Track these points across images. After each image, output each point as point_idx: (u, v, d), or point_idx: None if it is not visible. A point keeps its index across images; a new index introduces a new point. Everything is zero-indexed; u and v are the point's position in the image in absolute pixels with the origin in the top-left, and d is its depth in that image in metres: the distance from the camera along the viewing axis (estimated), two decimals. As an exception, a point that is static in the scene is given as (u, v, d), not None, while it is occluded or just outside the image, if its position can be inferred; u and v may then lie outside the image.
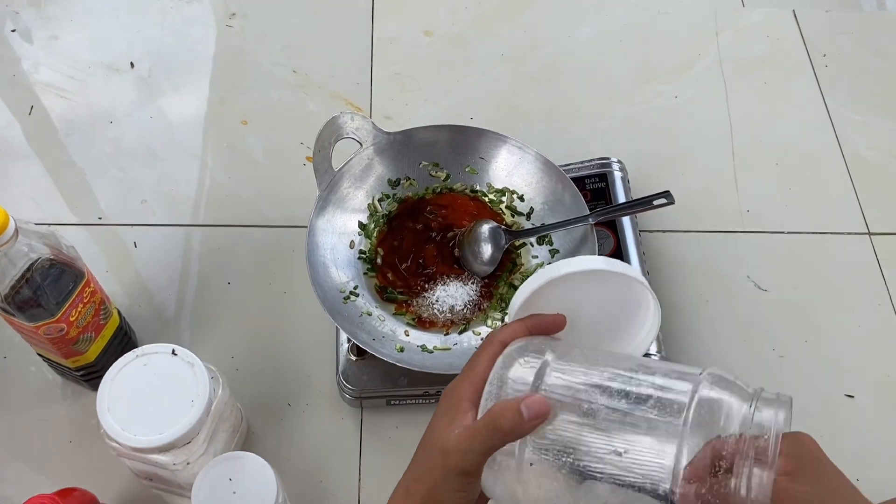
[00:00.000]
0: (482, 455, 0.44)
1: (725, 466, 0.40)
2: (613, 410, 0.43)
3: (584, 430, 0.43)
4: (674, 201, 0.72)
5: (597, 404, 0.44)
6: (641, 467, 0.42)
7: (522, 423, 0.42)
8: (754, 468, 0.40)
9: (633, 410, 0.43)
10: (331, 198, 0.73)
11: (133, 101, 0.92)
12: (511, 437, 0.43)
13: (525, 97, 0.96)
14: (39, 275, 0.59)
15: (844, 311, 0.83)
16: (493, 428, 0.43)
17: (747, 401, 0.42)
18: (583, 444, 0.43)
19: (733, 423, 0.41)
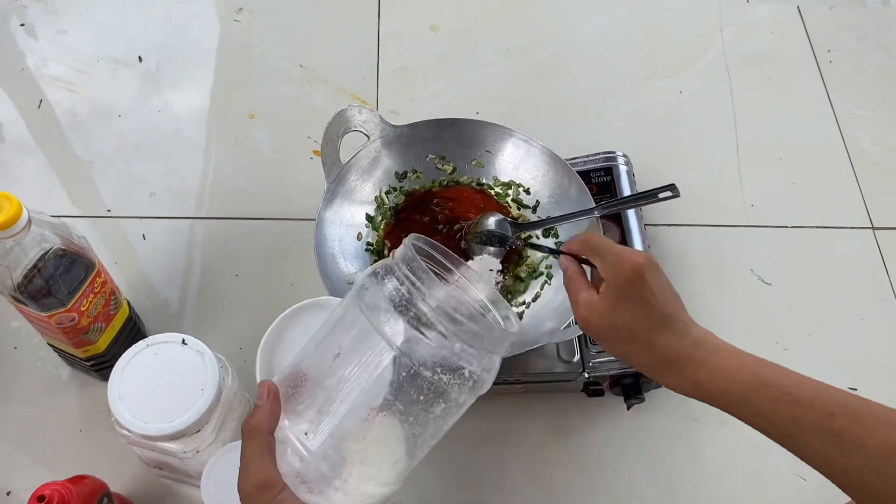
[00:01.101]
0: (260, 459, 0.45)
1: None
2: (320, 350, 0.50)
3: (313, 373, 0.48)
4: (679, 194, 0.72)
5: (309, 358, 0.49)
6: (368, 349, 0.46)
7: (259, 407, 0.46)
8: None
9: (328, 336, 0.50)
10: (339, 190, 0.73)
11: (140, 95, 0.93)
12: (264, 426, 0.46)
13: (530, 91, 0.96)
14: (51, 264, 0.59)
15: (848, 304, 0.84)
16: (248, 433, 0.46)
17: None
18: (323, 383, 0.47)
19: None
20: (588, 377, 0.72)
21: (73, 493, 0.56)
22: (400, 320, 0.46)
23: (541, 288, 0.73)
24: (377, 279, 0.48)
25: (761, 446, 0.74)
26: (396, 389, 0.46)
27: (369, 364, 0.46)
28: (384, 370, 0.46)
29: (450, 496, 0.72)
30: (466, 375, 0.47)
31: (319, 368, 0.48)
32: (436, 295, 0.46)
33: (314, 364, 0.49)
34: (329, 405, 0.47)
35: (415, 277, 0.47)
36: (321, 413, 0.47)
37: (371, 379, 0.46)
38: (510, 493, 0.72)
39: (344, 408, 0.46)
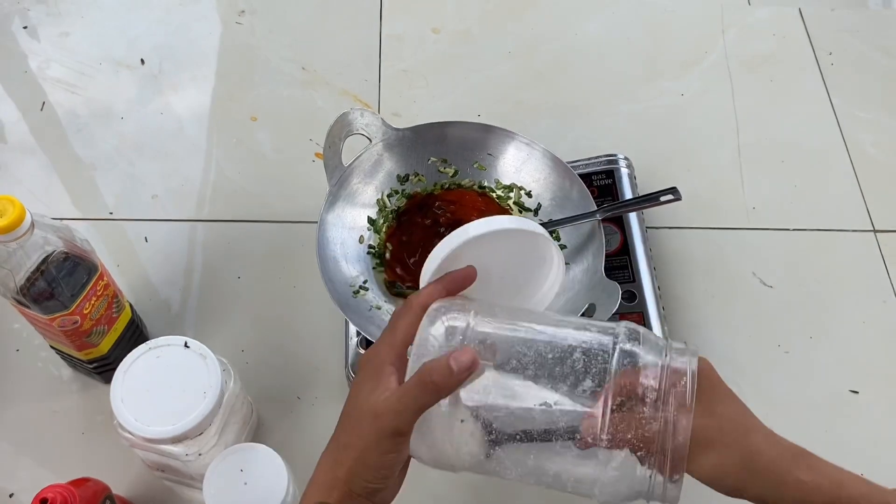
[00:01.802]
0: (414, 414, 0.44)
1: (649, 413, 0.42)
2: (542, 363, 0.44)
3: (512, 381, 0.44)
4: (680, 197, 0.72)
5: (526, 357, 0.44)
6: (568, 416, 0.43)
7: (452, 375, 0.43)
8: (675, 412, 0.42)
9: (562, 362, 0.44)
10: (341, 193, 0.74)
11: (142, 96, 0.93)
12: (443, 392, 0.44)
13: (532, 94, 0.97)
14: (54, 267, 0.59)
15: (849, 307, 0.84)
16: (424, 384, 0.43)
17: (661, 351, 0.44)
18: (514, 397, 0.44)
19: (650, 371, 0.43)
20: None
21: (76, 495, 0.57)
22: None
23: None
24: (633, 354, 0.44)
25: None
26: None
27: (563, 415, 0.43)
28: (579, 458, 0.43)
29: (454, 499, 0.72)
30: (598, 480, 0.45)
31: (523, 386, 0.44)
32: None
33: (522, 378, 0.44)
34: (496, 417, 0.44)
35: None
36: (489, 414, 0.44)
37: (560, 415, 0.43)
38: (514, 497, 0.72)
39: (519, 417, 0.44)
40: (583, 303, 0.66)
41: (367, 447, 0.45)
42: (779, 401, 0.77)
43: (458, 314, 0.47)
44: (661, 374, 0.43)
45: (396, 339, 0.47)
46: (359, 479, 0.45)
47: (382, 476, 0.46)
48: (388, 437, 0.44)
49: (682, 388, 0.43)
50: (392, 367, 0.46)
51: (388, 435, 0.44)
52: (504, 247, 0.51)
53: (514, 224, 0.50)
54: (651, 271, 0.77)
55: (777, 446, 0.45)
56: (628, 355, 0.44)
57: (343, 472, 0.46)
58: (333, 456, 0.47)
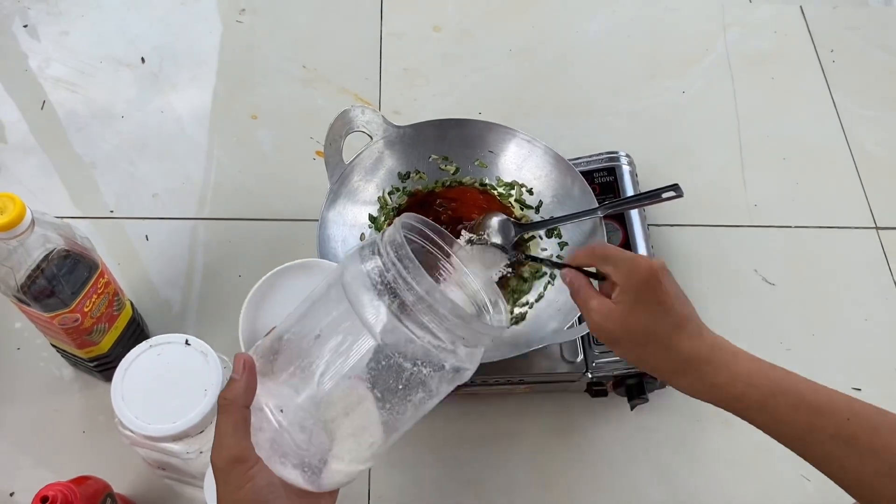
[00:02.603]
0: (234, 435, 0.45)
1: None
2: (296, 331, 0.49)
3: (292, 350, 0.47)
4: (682, 194, 0.72)
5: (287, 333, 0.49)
6: (348, 333, 0.46)
7: (236, 381, 0.46)
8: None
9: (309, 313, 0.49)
10: (342, 190, 0.73)
11: (143, 95, 0.93)
12: (239, 400, 0.45)
13: (533, 92, 0.96)
14: (55, 265, 0.59)
15: (851, 304, 0.84)
16: (221, 406, 0.46)
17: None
18: (301, 361, 0.46)
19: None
20: (591, 377, 0.72)
21: (77, 493, 0.56)
22: (382, 307, 0.45)
23: (544, 288, 0.73)
24: (363, 260, 0.47)
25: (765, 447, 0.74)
26: (375, 375, 0.46)
27: (349, 348, 0.46)
28: (363, 356, 0.46)
29: (454, 496, 0.72)
30: (448, 367, 0.47)
31: (298, 345, 0.48)
32: (422, 284, 0.45)
33: (294, 340, 0.48)
34: (306, 384, 0.46)
35: (401, 265, 0.45)
36: (298, 391, 0.46)
37: (349, 363, 0.46)
38: (514, 494, 0.72)
39: (321, 388, 0.46)
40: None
41: (224, 493, 0.45)
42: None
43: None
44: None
45: (231, 440, 0.46)
46: None
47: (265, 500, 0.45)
48: (231, 469, 0.45)
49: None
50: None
51: (228, 468, 0.45)
52: (301, 282, 0.62)
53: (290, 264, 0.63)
54: (653, 269, 0.76)
55: (667, 354, 0.52)
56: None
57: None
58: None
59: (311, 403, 0.46)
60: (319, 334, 0.47)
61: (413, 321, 0.45)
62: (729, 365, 0.51)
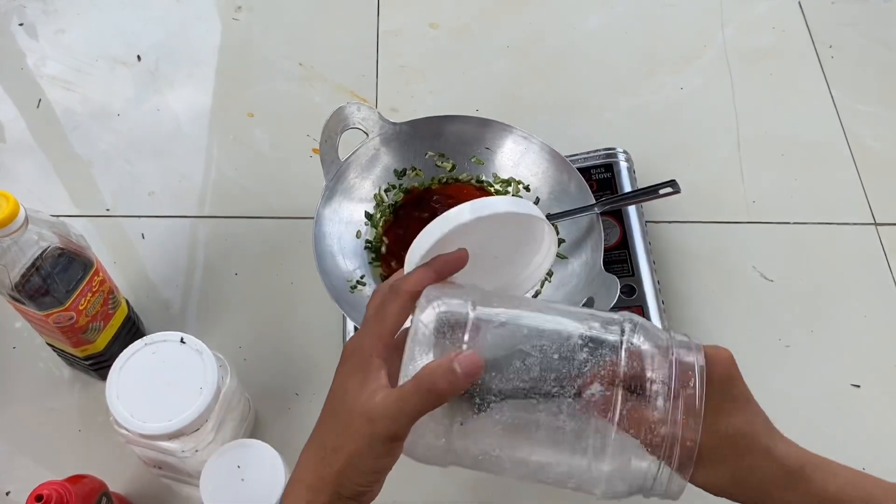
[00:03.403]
0: (412, 420, 0.41)
1: (659, 416, 0.41)
2: (546, 361, 0.42)
3: (517, 382, 0.42)
4: (680, 190, 0.72)
5: (530, 357, 0.42)
6: (575, 421, 0.41)
7: (457, 382, 0.40)
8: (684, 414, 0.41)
9: (568, 362, 0.42)
10: (337, 187, 0.73)
11: (140, 93, 0.93)
12: (444, 399, 0.41)
13: (531, 88, 0.96)
14: (49, 263, 0.59)
15: (850, 301, 0.83)
16: (426, 390, 0.41)
17: (667, 346, 0.43)
18: (515, 397, 0.42)
19: (658, 368, 0.42)
20: (589, 375, 0.71)
21: (72, 492, 0.56)
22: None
23: (541, 286, 0.73)
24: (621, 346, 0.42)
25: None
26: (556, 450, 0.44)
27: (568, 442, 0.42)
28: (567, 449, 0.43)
29: (451, 496, 0.71)
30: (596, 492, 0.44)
31: (514, 372, 0.42)
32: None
33: (516, 364, 0.42)
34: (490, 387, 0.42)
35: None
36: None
37: (547, 441, 0.43)
38: (511, 493, 0.72)
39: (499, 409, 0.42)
40: (581, 297, 0.66)
41: (360, 452, 0.42)
42: (779, 395, 0.76)
43: (454, 303, 0.44)
44: (670, 370, 0.41)
45: (384, 329, 0.44)
46: (349, 483, 0.43)
47: (374, 480, 0.44)
48: (383, 443, 0.42)
49: (692, 389, 0.41)
50: (380, 359, 0.43)
51: (382, 440, 0.42)
52: (495, 228, 0.49)
53: (508, 207, 0.47)
54: (650, 265, 0.76)
55: (773, 464, 0.43)
56: (636, 354, 0.42)
57: (332, 475, 0.43)
58: (320, 455, 0.44)
59: (492, 437, 0.43)
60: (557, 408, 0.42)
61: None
62: (833, 470, 0.44)
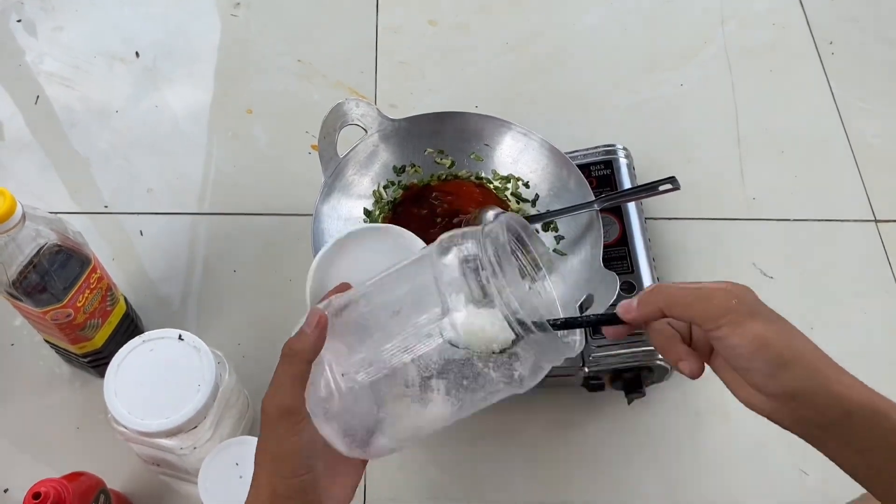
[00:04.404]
0: (292, 386, 0.45)
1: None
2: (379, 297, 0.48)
3: (367, 319, 0.47)
4: (679, 187, 0.71)
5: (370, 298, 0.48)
6: (429, 322, 0.44)
7: (306, 335, 0.45)
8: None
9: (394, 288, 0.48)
10: (336, 184, 0.73)
11: (138, 90, 0.92)
12: (306, 355, 0.45)
13: (530, 85, 0.96)
14: (47, 260, 0.59)
15: (850, 297, 0.83)
16: (286, 355, 0.45)
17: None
18: (375, 334, 0.46)
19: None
20: (588, 372, 0.71)
21: (70, 490, 0.56)
22: (471, 303, 0.44)
23: (541, 282, 0.73)
24: (459, 250, 0.46)
25: (764, 441, 0.74)
26: (443, 366, 0.45)
27: (426, 336, 0.45)
28: (440, 344, 0.45)
29: (451, 492, 0.71)
30: (515, 376, 0.46)
31: (376, 318, 0.47)
32: (515, 293, 0.43)
33: (371, 311, 0.47)
34: (374, 358, 0.45)
35: (499, 267, 0.43)
36: (362, 360, 0.46)
37: (421, 350, 0.45)
38: (511, 488, 0.72)
39: (386, 364, 0.45)
40: (581, 293, 0.65)
41: (269, 440, 0.45)
42: (780, 392, 0.76)
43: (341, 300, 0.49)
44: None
45: (287, 389, 0.46)
46: (279, 479, 0.45)
47: (297, 465, 0.45)
48: (280, 419, 0.45)
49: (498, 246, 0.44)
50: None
51: (277, 417, 0.45)
52: (374, 247, 0.58)
53: (366, 226, 0.60)
54: (650, 262, 0.76)
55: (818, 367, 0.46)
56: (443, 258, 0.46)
57: (263, 479, 0.45)
58: (253, 482, 0.47)
59: (372, 377, 0.45)
60: (399, 311, 0.46)
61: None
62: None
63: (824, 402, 0.44)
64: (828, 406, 0.43)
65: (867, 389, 0.45)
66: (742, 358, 0.44)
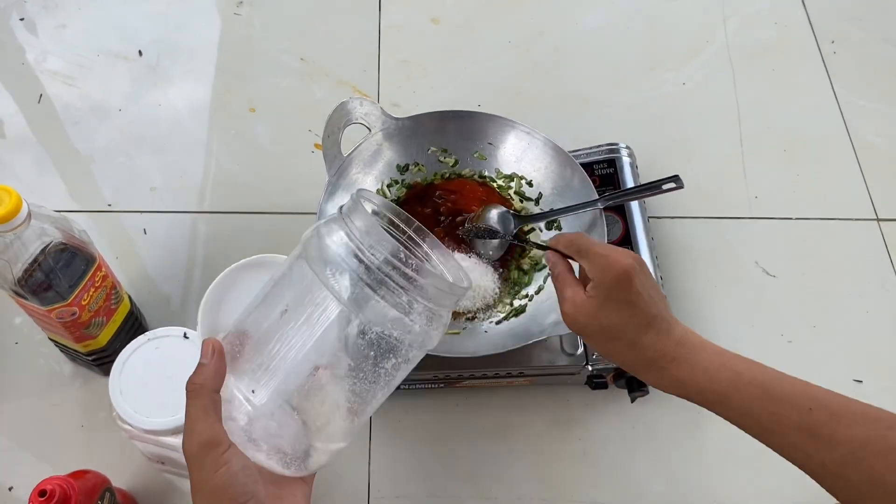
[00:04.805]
0: (204, 419, 0.44)
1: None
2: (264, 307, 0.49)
3: (259, 331, 0.47)
4: (682, 185, 0.71)
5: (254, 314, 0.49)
6: (315, 304, 0.45)
7: (204, 366, 0.45)
8: None
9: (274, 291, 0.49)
10: (340, 183, 0.73)
11: (141, 89, 0.92)
12: (209, 383, 0.45)
13: (532, 84, 0.96)
14: (52, 258, 0.59)
15: (853, 296, 0.83)
16: (193, 392, 0.45)
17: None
18: (269, 339, 0.46)
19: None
20: (591, 370, 0.71)
21: (75, 487, 0.56)
22: (346, 273, 0.45)
23: (544, 280, 0.73)
24: (324, 233, 0.47)
25: (766, 439, 0.74)
26: (344, 345, 0.46)
27: (316, 319, 0.45)
28: (331, 325, 0.45)
29: (453, 489, 0.71)
30: (416, 330, 0.46)
31: (265, 325, 0.47)
32: (384, 248, 0.45)
33: (260, 320, 0.48)
34: (275, 361, 0.46)
35: (363, 230, 0.46)
36: (267, 370, 0.46)
37: (318, 334, 0.45)
38: (513, 486, 0.72)
39: (290, 364, 0.46)
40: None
41: (200, 480, 0.44)
42: (782, 390, 0.76)
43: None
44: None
45: (201, 427, 0.45)
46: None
47: (236, 494, 0.44)
48: (204, 455, 0.44)
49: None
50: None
51: (201, 454, 0.44)
52: (260, 276, 0.61)
53: (247, 260, 0.63)
54: (653, 260, 0.76)
55: (635, 353, 0.53)
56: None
57: None
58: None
59: (281, 382, 0.46)
60: (286, 309, 0.47)
61: (378, 283, 0.45)
62: (692, 361, 0.52)
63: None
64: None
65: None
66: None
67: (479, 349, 0.67)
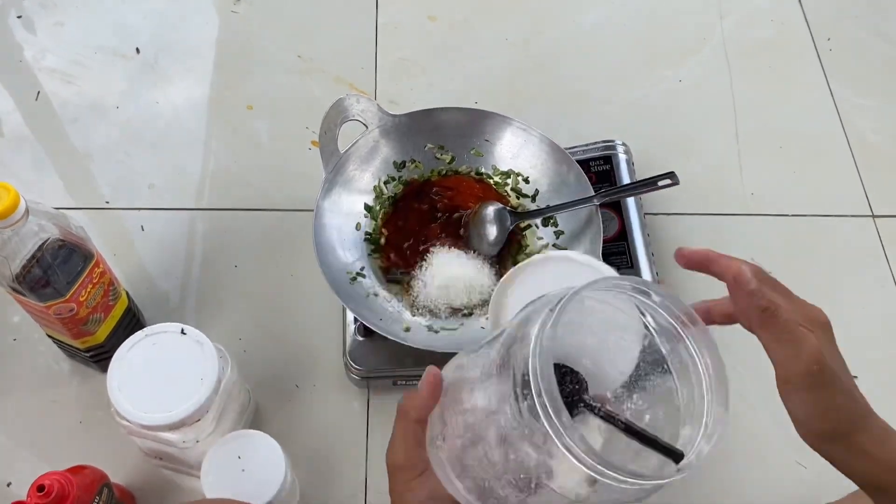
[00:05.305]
0: (403, 443, 0.45)
1: None
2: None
3: (470, 416, 0.43)
4: (678, 182, 0.72)
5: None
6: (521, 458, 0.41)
7: (416, 395, 0.45)
8: None
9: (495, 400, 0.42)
10: (337, 179, 0.73)
11: (138, 86, 0.92)
12: (415, 413, 0.45)
13: (529, 81, 0.96)
14: (50, 255, 0.59)
15: (848, 292, 0.84)
16: (400, 412, 0.46)
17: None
18: (473, 438, 0.43)
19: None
20: (588, 366, 0.71)
21: (73, 483, 0.56)
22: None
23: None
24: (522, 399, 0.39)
25: (762, 434, 0.74)
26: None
27: (517, 463, 0.41)
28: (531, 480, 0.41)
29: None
30: None
31: (476, 420, 0.43)
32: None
33: (474, 410, 0.43)
34: (469, 464, 0.43)
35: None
36: (460, 461, 0.43)
37: (510, 469, 0.42)
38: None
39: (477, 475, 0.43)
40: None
41: (392, 492, 0.46)
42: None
43: None
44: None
45: (405, 450, 0.46)
46: None
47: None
48: (395, 474, 0.46)
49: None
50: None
51: (392, 472, 0.46)
52: (556, 271, 0.56)
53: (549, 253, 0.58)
54: (649, 257, 0.76)
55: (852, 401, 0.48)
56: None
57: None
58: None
59: (473, 458, 0.43)
60: (500, 431, 0.41)
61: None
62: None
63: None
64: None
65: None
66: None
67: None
